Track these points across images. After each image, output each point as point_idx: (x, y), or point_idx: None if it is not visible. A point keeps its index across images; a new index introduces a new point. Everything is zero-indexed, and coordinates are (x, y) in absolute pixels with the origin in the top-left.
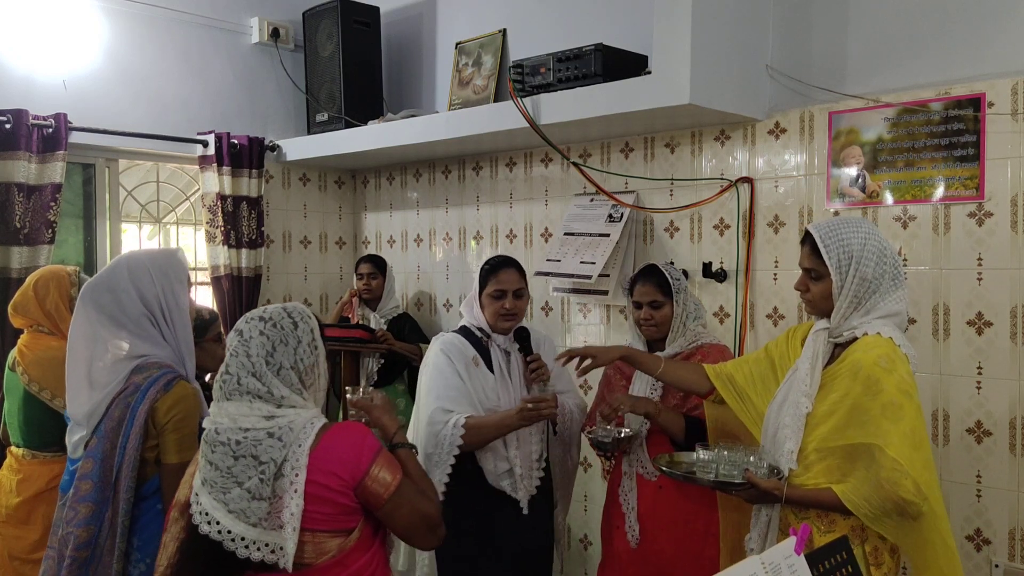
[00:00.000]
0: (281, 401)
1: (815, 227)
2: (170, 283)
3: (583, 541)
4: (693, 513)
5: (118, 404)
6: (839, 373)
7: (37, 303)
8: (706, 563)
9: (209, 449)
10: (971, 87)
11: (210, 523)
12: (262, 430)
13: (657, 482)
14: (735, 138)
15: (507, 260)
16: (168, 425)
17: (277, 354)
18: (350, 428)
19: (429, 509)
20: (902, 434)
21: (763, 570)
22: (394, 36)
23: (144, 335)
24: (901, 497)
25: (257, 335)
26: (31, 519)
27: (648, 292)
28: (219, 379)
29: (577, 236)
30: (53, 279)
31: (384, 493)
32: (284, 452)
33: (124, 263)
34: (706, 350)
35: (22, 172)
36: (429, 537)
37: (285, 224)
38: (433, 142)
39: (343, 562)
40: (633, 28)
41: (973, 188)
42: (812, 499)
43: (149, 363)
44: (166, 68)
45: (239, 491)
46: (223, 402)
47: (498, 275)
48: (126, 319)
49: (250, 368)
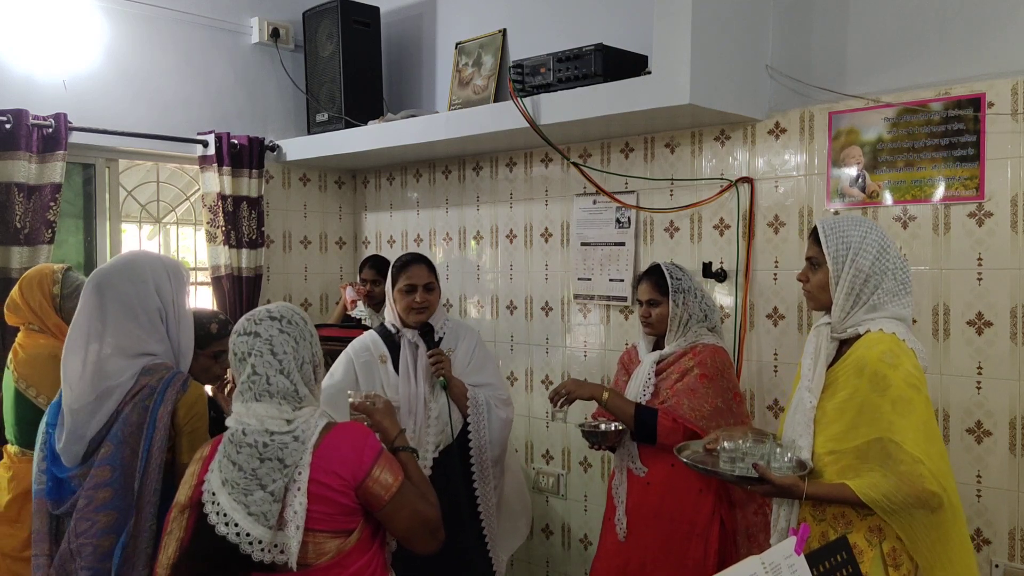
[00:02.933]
0: (301, 401)
1: (821, 220)
2: (182, 285)
3: (583, 541)
4: (678, 511)
5: (134, 408)
6: (844, 371)
7: (24, 302)
8: (690, 563)
9: (235, 449)
10: (971, 87)
11: (228, 524)
12: (287, 433)
13: (645, 478)
14: (735, 138)
15: (416, 256)
16: (186, 426)
17: (300, 350)
18: (352, 428)
19: (429, 513)
20: (915, 428)
21: (763, 570)
22: (394, 36)
23: (152, 330)
24: (925, 489)
25: (278, 333)
26: (20, 517)
27: (646, 291)
28: (246, 380)
29: (595, 247)
30: (36, 278)
31: (385, 495)
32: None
33: (143, 260)
34: (699, 349)
35: (22, 172)
36: (429, 541)
37: (285, 224)
38: (433, 142)
39: (342, 563)
40: (633, 28)
41: (973, 188)
42: (832, 495)
43: (156, 364)
44: (166, 68)
45: (262, 494)
46: (252, 403)
47: (408, 271)
48: (141, 311)
49: (278, 367)
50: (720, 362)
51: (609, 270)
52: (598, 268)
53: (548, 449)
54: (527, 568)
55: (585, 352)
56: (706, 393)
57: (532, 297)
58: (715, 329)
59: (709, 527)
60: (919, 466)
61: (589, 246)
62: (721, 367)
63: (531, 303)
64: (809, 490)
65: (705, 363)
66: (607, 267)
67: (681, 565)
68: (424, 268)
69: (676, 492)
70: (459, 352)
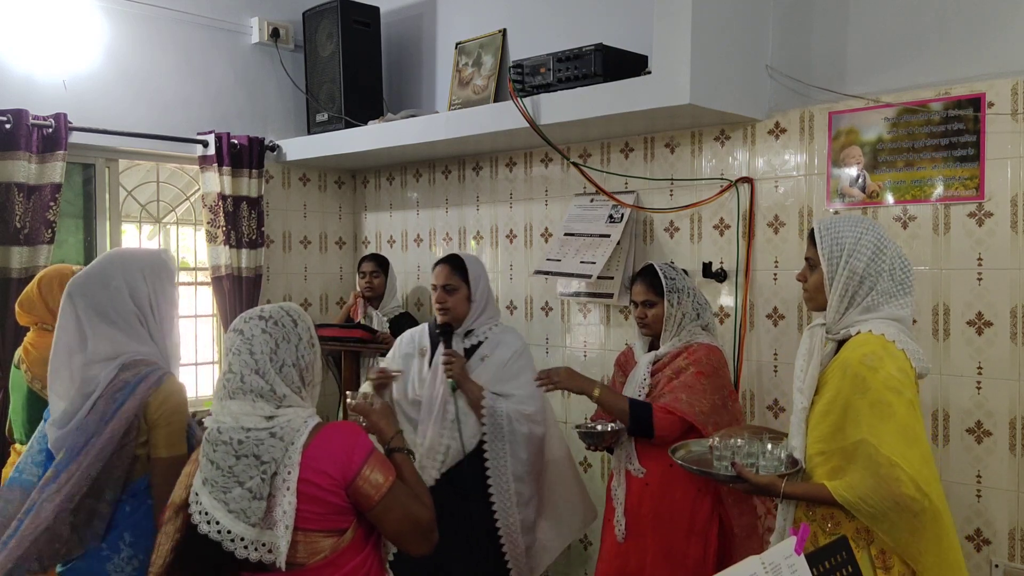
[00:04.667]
0: (282, 400)
1: (819, 220)
2: (161, 283)
3: (583, 541)
4: (677, 511)
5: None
6: (831, 372)
7: (42, 301)
8: (690, 563)
9: (211, 448)
10: (971, 87)
11: (209, 523)
12: (264, 430)
13: (644, 479)
14: (735, 138)
15: (445, 257)
16: (159, 420)
17: (280, 351)
18: (343, 427)
19: (422, 514)
20: (894, 432)
21: (763, 570)
22: (394, 36)
23: (132, 333)
24: (901, 493)
25: (259, 333)
26: None
27: (641, 292)
28: (222, 378)
29: (577, 237)
30: (57, 277)
31: (375, 494)
32: (284, 452)
33: (117, 260)
34: (694, 348)
35: (22, 172)
36: (421, 542)
37: (285, 224)
38: (433, 142)
39: (335, 563)
40: (633, 28)
41: (973, 188)
42: (809, 495)
43: (136, 360)
44: (166, 68)
45: (240, 491)
46: (226, 400)
47: (434, 271)
48: (116, 316)
49: (253, 366)
50: (716, 360)
51: (584, 255)
52: (572, 252)
53: None
54: None
55: (585, 352)
56: (704, 390)
57: (532, 297)
58: (708, 327)
59: (708, 527)
60: (895, 470)
61: (572, 236)
62: (717, 365)
63: (531, 303)
64: (787, 489)
65: (700, 361)
66: (583, 252)
67: (681, 565)
68: (447, 268)
69: (675, 492)
70: (493, 358)
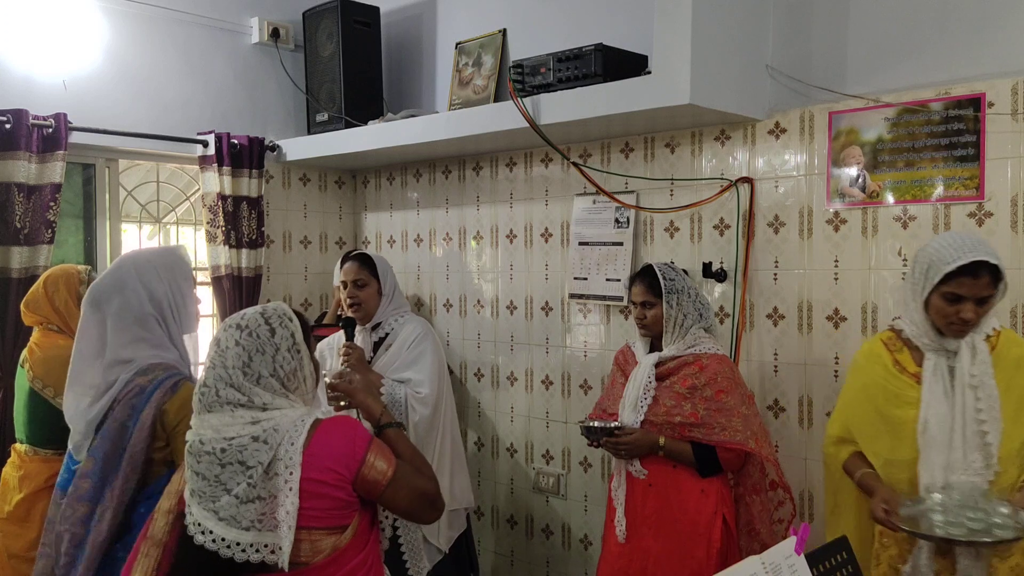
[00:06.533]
0: (265, 406)
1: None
2: (176, 281)
3: (583, 541)
4: (680, 512)
5: (122, 406)
6: (999, 367)
7: (47, 300)
8: (691, 564)
9: (195, 460)
10: (971, 87)
11: (203, 533)
12: (246, 435)
13: (647, 480)
14: (735, 138)
15: (353, 254)
16: (179, 428)
17: (254, 364)
18: (340, 422)
19: (426, 486)
20: None
21: (763, 570)
22: (394, 36)
23: (151, 338)
24: None
25: (233, 345)
26: (30, 516)
27: (640, 293)
28: (198, 391)
29: (592, 246)
30: (63, 276)
31: (382, 480)
32: (271, 454)
33: (130, 263)
34: (704, 361)
35: (22, 172)
36: (431, 512)
37: (285, 224)
38: (433, 142)
39: (338, 561)
40: (633, 28)
41: (973, 188)
42: None
43: (153, 365)
44: (166, 68)
45: (228, 498)
46: (204, 414)
47: (342, 268)
48: (134, 321)
49: (227, 379)
50: (730, 371)
51: (606, 270)
52: (595, 268)
53: (548, 449)
54: (527, 568)
55: (585, 352)
56: (733, 408)
57: (532, 297)
58: (711, 329)
59: (711, 527)
60: None
61: (587, 245)
62: (732, 376)
63: (531, 303)
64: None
65: (715, 379)
66: (604, 267)
67: (682, 566)
68: (355, 264)
69: (678, 493)
70: (395, 346)
